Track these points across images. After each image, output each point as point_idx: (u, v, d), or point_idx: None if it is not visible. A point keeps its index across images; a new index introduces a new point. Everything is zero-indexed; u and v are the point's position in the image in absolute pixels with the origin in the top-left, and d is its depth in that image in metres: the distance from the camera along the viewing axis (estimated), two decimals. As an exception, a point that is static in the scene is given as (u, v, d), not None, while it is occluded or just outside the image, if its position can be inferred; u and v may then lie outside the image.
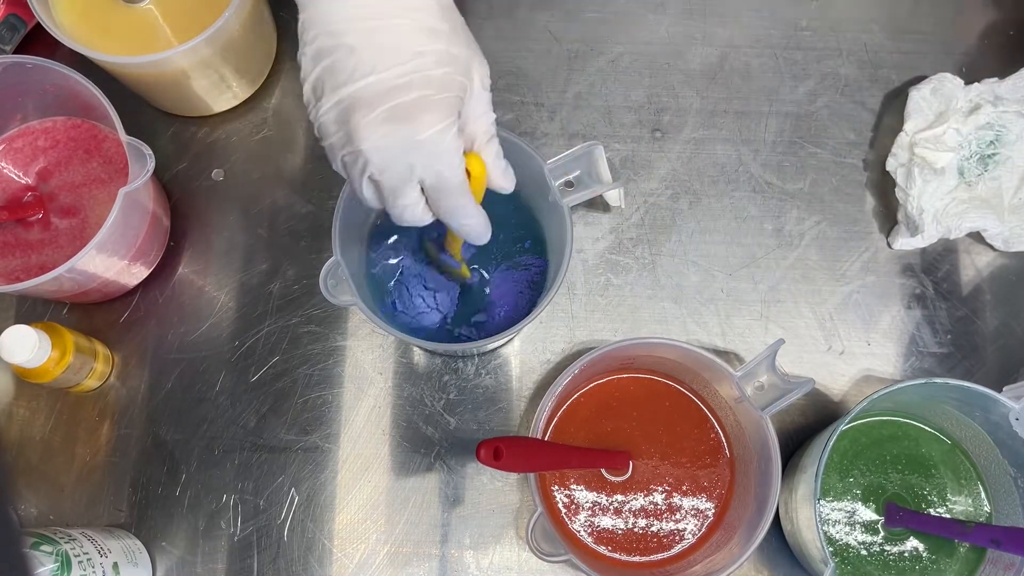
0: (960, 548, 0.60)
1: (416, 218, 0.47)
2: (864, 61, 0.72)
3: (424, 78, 0.43)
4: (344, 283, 0.52)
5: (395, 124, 0.43)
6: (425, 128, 0.43)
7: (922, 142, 0.65)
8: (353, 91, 0.43)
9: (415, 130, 0.43)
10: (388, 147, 0.43)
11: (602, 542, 0.60)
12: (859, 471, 0.61)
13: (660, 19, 0.73)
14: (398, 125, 0.43)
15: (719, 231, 0.68)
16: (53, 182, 0.64)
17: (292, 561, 0.61)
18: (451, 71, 0.44)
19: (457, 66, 0.44)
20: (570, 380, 0.57)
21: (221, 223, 0.68)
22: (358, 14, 0.43)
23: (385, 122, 0.43)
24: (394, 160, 0.44)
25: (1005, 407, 0.55)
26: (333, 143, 0.45)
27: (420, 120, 0.43)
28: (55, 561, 0.51)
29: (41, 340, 0.56)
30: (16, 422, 0.63)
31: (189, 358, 0.65)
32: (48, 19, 0.59)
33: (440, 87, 0.44)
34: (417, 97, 0.43)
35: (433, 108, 0.43)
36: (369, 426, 0.64)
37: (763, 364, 0.56)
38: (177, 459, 0.63)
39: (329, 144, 0.46)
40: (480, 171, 0.47)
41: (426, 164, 0.44)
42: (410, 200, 0.46)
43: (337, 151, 0.46)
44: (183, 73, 0.62)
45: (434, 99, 0.43)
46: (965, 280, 0.67)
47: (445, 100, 0.44)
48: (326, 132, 0.46)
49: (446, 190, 0.45)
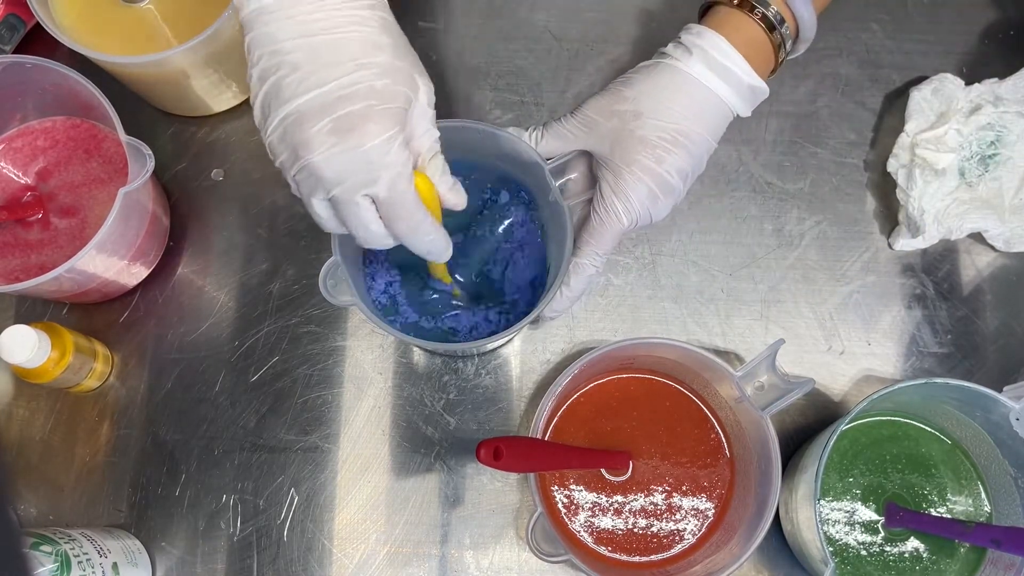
0: (960, 548, 0.60)
1: (375, 237, 0.46)
2: (864, 61, 0.72)
3: (368, 88, 0.43)
4: (343, 283, 0.52)
5: (340, 135, 0.43)
6: (371, 137, 0.43)
7: (923, 143, 0.65)
8: (297, 106, 0.43)
9: (361, 140, 0.43)
10: (335, 159, 0.43)
11: (602, 542, 0.60)
12: (859, 471, 0.61)
13: (661, 20, 0.73)
14: (344, 136, 0.43)
15: (719, 231, 0.68)
16: (53, 182, 0.64)
17: (292, 561, 0.61)
18: (394, 82, 0.44)
19: (401, 78, 0.45)
20: (570, 380, 0.57)
21: (221, 223, 0.68)
22: (300, 31, 0.44)
23: (331, 133, 0.43)
24: (343, 172, 0.43)
25: (1005, 407, 0.55)
26: (283, 161, 0.45)
27: (365, 130, 0.43)
28: (55, 561, 0.51)
29: (41, 340, 0.56)
30: (16, 422, 0.63)
31: (189, 358, 0.65)
32: (48, 19, 0.59)
33: (384, 98, 0.44)
34: (362, 107, 0.43)
35: (377, 118, 0.43)
36: (369, 426, 0.64)
37: (763, 364, 0.56)
38: (177, 459, 0.63)
39: (280, 163, 0.46)
40: (429, 189, 0.47)
41: (374, 175, 0.44)
42: (365, 216, 0.45)
43: (288, 169, 0.45)
44: (183, 73, 0.62)
45: (378, 109, 0.43)
46: (965, 280, 0.67)
47: (389, 111, 0.44)
48: (275, 151, 0.45)
49: (398, 205, 0.45)
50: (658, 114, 0.54)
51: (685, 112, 0.54)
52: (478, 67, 0.71)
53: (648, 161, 0.54)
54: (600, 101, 0.56)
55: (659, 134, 0.54)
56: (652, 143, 0.54)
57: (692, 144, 0.54)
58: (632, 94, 0.55)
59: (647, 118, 0.54)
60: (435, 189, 0.48)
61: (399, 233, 0.46)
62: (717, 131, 0.56)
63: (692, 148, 0.54)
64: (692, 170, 0.55)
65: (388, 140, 0.43)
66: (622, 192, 0.54)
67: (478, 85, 0.71)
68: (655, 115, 0.54)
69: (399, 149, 0.44)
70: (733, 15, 0.54)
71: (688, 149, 0.54)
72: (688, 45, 0.55)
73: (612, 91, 0.56)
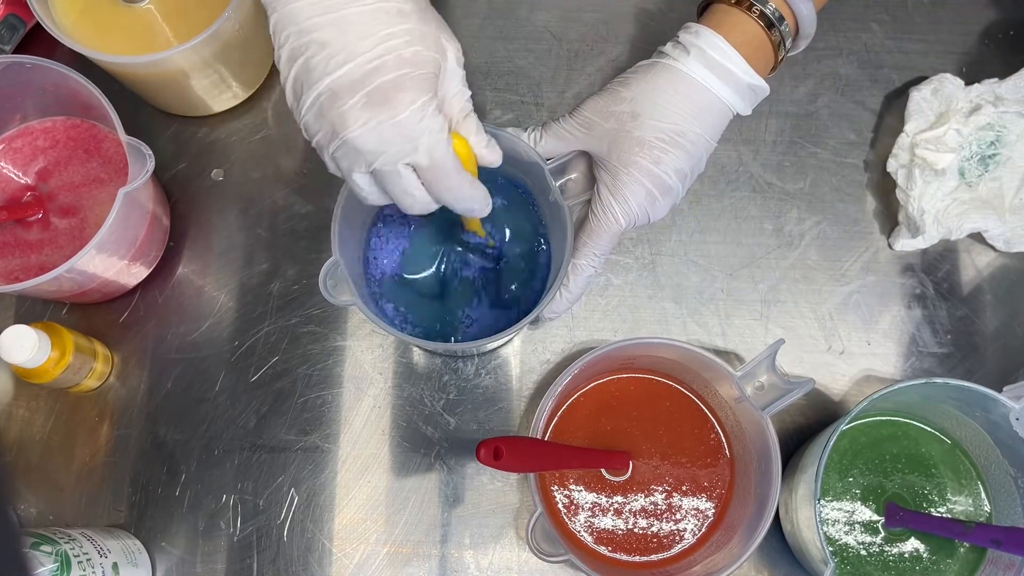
0: (960, 548, 0.60)
1: (421, 203, 0.47)
2: (864, 61, 0.72)
3: (397, 58, 0.43)
4: (343, 283, 0.52)
5: (375, 108, 0.43)
6: (405, 107, 0.43)
7: (923, 143, 0.65)
8: (329, 83, 0.43)
9: (396, 111, 0.43)
10: (372, 132, 0.43)
11: (602, 542, 0.60)
12: (859, 471, 0.61)
13: (660, 19, 0.73)
14: (378, 108, 0.43)
15: (719, 231, 0.68)
16: (53, 182, 0.64)
17: (292, 561, 0.61)
18: (422, 49, 0.44)
19: (427, 43, 0.45)
20: (570, 380, 0.57)
21: (221, 223, 0.68)
22: (324, 7, 0.44)
23: (365, 107, 0.43)
24: (382, 144, 0.44)
25: (1005, 407, 0.55)
26: (320, 140, 0.46)
27: (398, 100, 0.43)
28: (55, 561, 0.51)
29: (41, 340, 0.56)
30: (16, 422, 0.63)
31: (189, 358, 0.65)
32: (48, 19, 0.59)
33: (414, 65, 0.44)
34: (393, 77, 0.43)
35: (409, 87, 0.43)
36: (369, 426, 0.64)
37: (763, 364, 0.56)
38: (177, 459, 0.63)
39: (316, 142, 0.46)
40: (465, 149, 0.47)
41: (413, 144, 0.44)
42: (408, 184, 0.46)
43: (325, 147, 0.46)
44: (183, 73, 0.62)
45: (410, 77, 0.44)
46: (965, 280, 0.67)
47: (420, 77, 0.44)
48: (311, 130, 0.46)
49: (439, 170, 0.45)
50: (655, 115, 0.54)
51: (683, 112, 0.54)
52: (478, 67, 0.71)
53: (645, 162, 0.54)
54: (598, 102, 0.56)
55: (656, 135, 0.54)
56: (649, 144, 0.54)
57: (690, 144, 0.54)
58: (630, 95, 0.55)
59: (644, 119, 0.54)
60: (471, 149, 0.48)
61: (443, 197, 0.47)
62: (716, 130, 0.56)
63: (690, 148, 0.54)
64: (691, 170, 0.55)
65: (422, 107, 0.44)
66: (619, 193, 0.54)
67: (478, 85, 0.71)
68: (652, 116, 0.54)
69: (433, 114, 0.44)
70: (731, 13, 0.54)
71: (686, 149, 0.54)
72: (686, 44, 0.54)
73: (610, 91, 0.56)
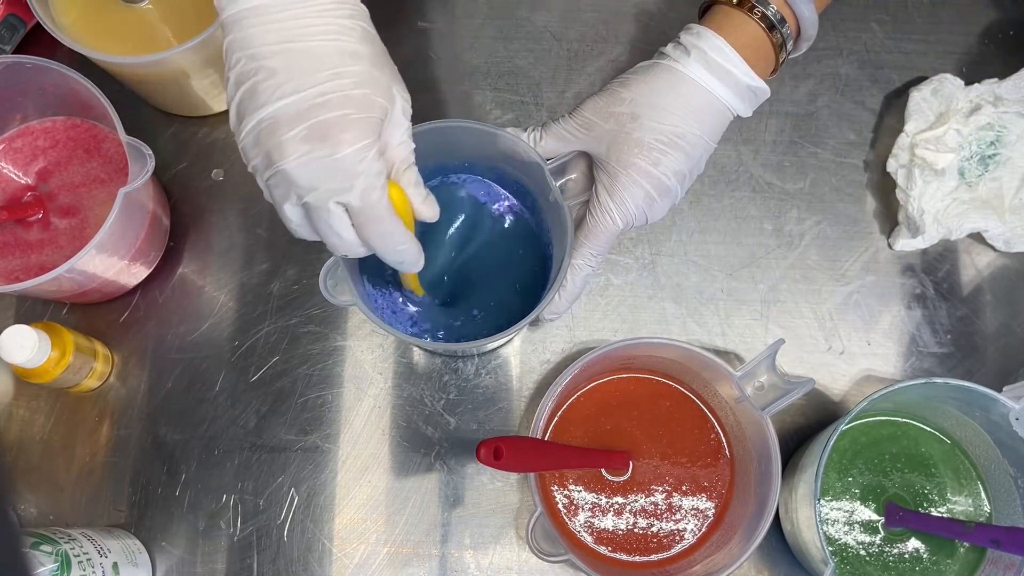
0: (960, 548, 0.60)
1: (348, 245, 0.46)
2: (864, 61, 0.72)
3: (343, 97, 0.43)
4: (344, 283, 0.52)
5: (314, 142, 0.43)
6: (345, 146, 0.43)
7: (923, 143, 0.65)
8: (272, 111, 0.43)
9: (335, 148, 0.43)
10: (308, 165, 0.43)
11: (602, 542, 0.60)
12: (859, 471, 0.61)
13: (660, 20, 0.73)
14: (317, 143, 0.43)
15: (719, 231, 0.68)
16: (53, 182, 0.64)
17: (292, 561, 0.61)
18: (370, 92, 0.44)
19: (377, 88, 0.45)
20: (570, 380, 0.57)
21: (221, 223, 0.68)
22: (280, 37, 0.44)
23: (304, 140, 0.43)
24: (316, 178, 0.43)
25: (1005, 407, 0.55)
26: (256, 166, 0.45)
27: (339, 138, 0.43)
28: (55, 561, 0.51)
29: (41, 340, 0.56)
30: (16, 422, 0.63)
31: (189, 358, 0.65)
32: (48, 19, 0.59)
33: (359, 107, 0.44)
34: (337, 115, 0.43)
35: (352, 127, 0.43)
36: (369, 426, 0.64)
37: (763, 364, 0.56)
38: (177, 459, 0.63)
39: (252, 167, 0.46)
40: (402, 199, 0.47)
41: (348, 183, 0.44)
42: (338, 223, 0.45)
43: (260, 174, 0.45)
44: (183, 73, 0.62)
45: (353, 118, 0.43)
46: (965, 280, 0.67)
47: (364, 120, 0.44)
48: (248, 155, 0.45)
49: (371, 214, 0.45)
50: (654, 116, 0.54)
51: (682, 114, 0.54)
52: (478, 67, 0.71)
53: (644, 164, 0.54)
54: (597, 102, 0.56)
55: (655, 136, 0.54)
56: (648, 145, 0.54)
57: (689, 146, 0.54)
58: (629, 96, 0.55)
59: (644, 120, 0.54)
60: (408, 200, 0.48)
61: (371, 242, 0.47)
62: (716, 132, 0.56)
63: (689, 150, 0.54)
64: (690, 171, 0.55)
65: (363, 149, 0.43)
66: (617, 195, 0.54)
67: (478, 85, 0.71)
68: (651, 117, 0.54)
69: (373, 159, 0.44)
70: (732, 14, 0.54)
71: (685, 151, 0.54)
72: (687, 45, 0.54)
73: (609, 92, 0.56)
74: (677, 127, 0.54)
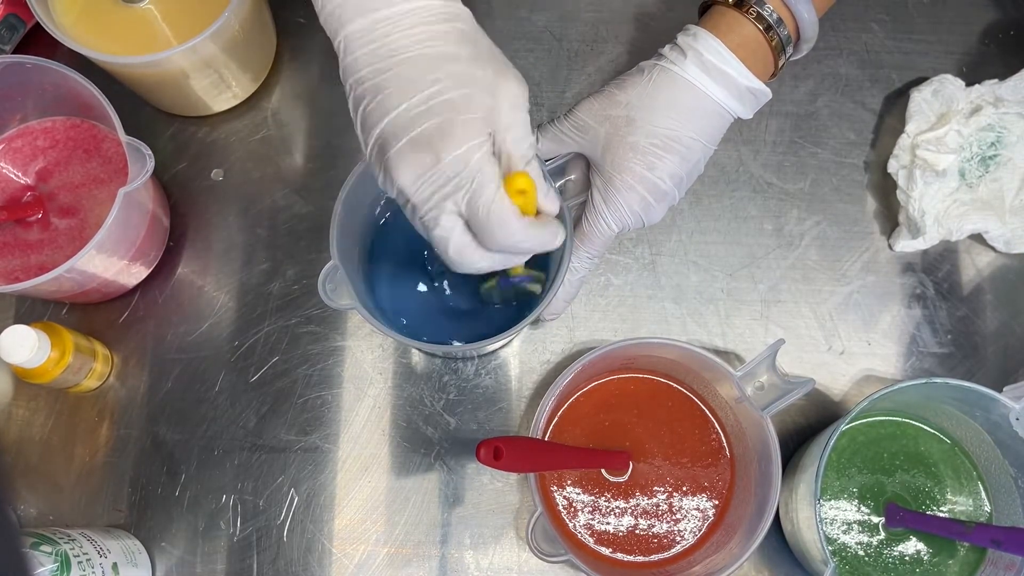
0: (960, 548, 0.60)
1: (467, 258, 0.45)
2: (864, 61, 0.72)
3: (444, 102, 0.43)
4: (343, 286, 0.52)
5: (419, 152, 0.42)
6: (449, 151, 0.42)
7: (923, 144, 0.65)
8: (381, 129, 0.43)
9: (438, 155, 0.42)
10: (417, 176, 0.43)
11: (602, 542, 0.60)
12: (859, 471, 0.61)
13: (660, 20, 0.73)
14: (422, 152, 0.42)
15: (719, 231, 0.68)
16: (52, 182, 0.64)
17: (292, 562, 0.61)
18: (471, 91, 0.43)
19: (477, 87, 0.44)
20: (570, 380, 0.57)
21: (221, 223, 0.68)
22: (382, 54, 0.44)
23: (410, 152, 0.43)
24: (425, 188, 0.43)
25: (1005, 407, 0.55)
26: (383, 184, 0.45)
27: (442, 144, 0.42)
28: (55, 561, 0.51)
29: (40, 340, 0.56)
30: (15, 422, 0.63)
31: (189, 358, 0.65)
32: (47, 19, 0.59)
33: (461, 109, 0.43)
34: (438, 122, 0.42)
35: (454, 130, 0.42)
36: (369, 426, 0.64)
37: (763, 364, 0.56)
38: (177, 459, 0.63)
39: (382, 187, 0.46)
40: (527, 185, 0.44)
41: (456, 189, 0.43)
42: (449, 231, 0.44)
43: (391, 195, 0.45)
44: (183, 73, 0.62)
45: (456, 121, 0.43)
46: (965, 280, 0.67)
47: (467, 121, 0.43)
48: (375, 175, 0.46)
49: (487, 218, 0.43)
50: (650, 119, 0.53)
51: (678, 116, 0.53)
52: (478, 67, 0.71)
53: (639, 168, 0.53)
54: (593, 104, 0.56)
55: (651, 140, 0.53)
56: (643, 149, 0.53)
57: (685, 149, 0.54)
58: (625, 98, 0.55)
59: (639, 123, 0.54)
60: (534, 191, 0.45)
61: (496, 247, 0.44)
62: (713, 134, 0.55)
63: (685, 153, 0.54)
64: (687, 174, 0.55)
65: (467, 152, 0.42)
66: (612, 199, 0.54)
67: (478, 85, 0.71)
68: (647, 120, 0.53)
69: (480, 160, 0.43)
70: (729, 15, 0.54)
71: (681, 154, 0.54)
72: (683, 47, 0.54)
73: (605, 94, 0.56)
74: (673, 130, 0.53)
